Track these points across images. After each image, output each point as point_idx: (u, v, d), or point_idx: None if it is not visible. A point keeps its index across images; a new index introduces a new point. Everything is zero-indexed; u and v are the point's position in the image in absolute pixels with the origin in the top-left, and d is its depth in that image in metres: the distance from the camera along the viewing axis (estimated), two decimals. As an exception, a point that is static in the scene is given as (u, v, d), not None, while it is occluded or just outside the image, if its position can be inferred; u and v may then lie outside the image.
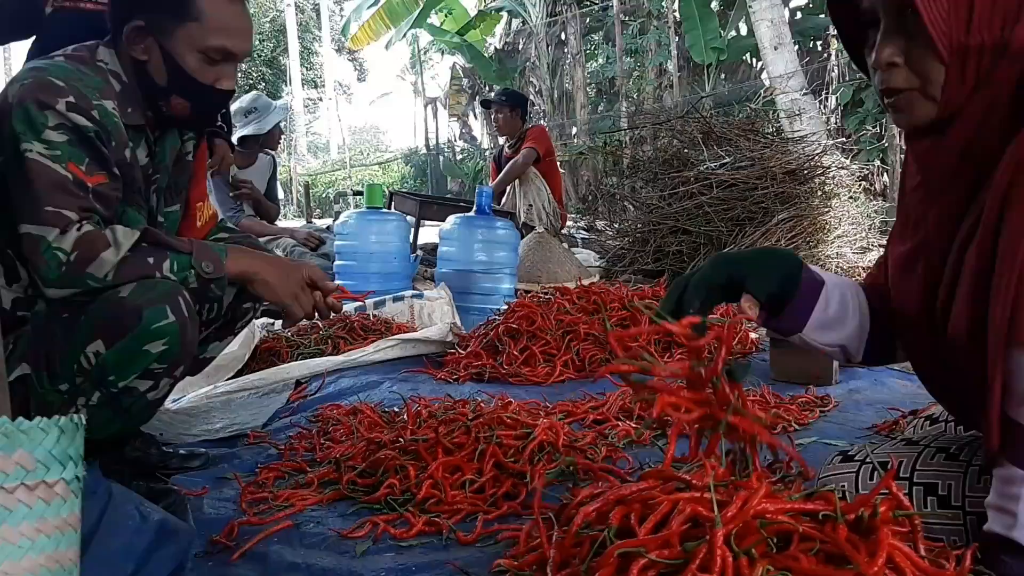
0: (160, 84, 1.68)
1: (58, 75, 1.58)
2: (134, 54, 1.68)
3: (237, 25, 1.70)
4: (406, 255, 4.20)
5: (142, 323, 1.52)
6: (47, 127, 1.53)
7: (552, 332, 2.87)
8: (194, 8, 1.64)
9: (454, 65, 15.98)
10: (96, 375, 1.55)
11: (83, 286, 1.54)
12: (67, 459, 0.88)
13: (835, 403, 2.33)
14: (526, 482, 1.71)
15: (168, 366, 1.59)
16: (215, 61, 1.69)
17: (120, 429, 1.70)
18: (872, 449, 1.38)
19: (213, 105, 1.79)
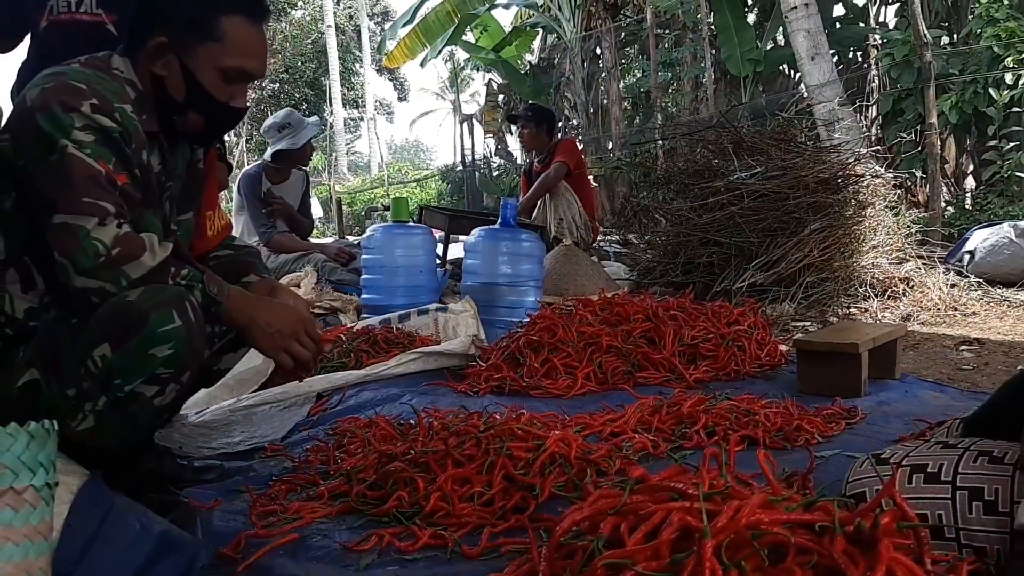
0: (177, 99, 1.72)
1: (79, 79, 1.61)
2: (154, 69, 1.71)
3: (255, 47, 1.75)
4: (433, 269, 4.19)
5: (148, 327, 1.51)
6: (74, 128, 1.55)
7: (574, 344, 2.83)
8: (217, 29, 1.68)
9: (489, 82, 16.03)
10: (102, 379, 1.54)
11: (114, 282, 1.54)
12: (37, 465, 0.86)
13: (862, 415, 2.26)
14: (535, 495, 1.68)
15: (174, 371, 1.57)
16: (232, 80, 1.73)
17: (129, 437, 1.68)
18: (907, 452, 1.32)
19: (226, 122, 1.82)
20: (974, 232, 5.21)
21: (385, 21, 36.12)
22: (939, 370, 2.92)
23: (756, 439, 2.05)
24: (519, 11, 14.77)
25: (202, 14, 1.69)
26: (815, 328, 3.81)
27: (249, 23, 1.73)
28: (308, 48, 31.08)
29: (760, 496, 0.96)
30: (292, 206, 5.24)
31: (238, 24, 1.71)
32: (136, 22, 1.74)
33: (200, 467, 2.13)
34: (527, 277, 3.81)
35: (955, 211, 7.13)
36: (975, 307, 4.03)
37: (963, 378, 2.79)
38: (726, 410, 2.16)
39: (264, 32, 1.79)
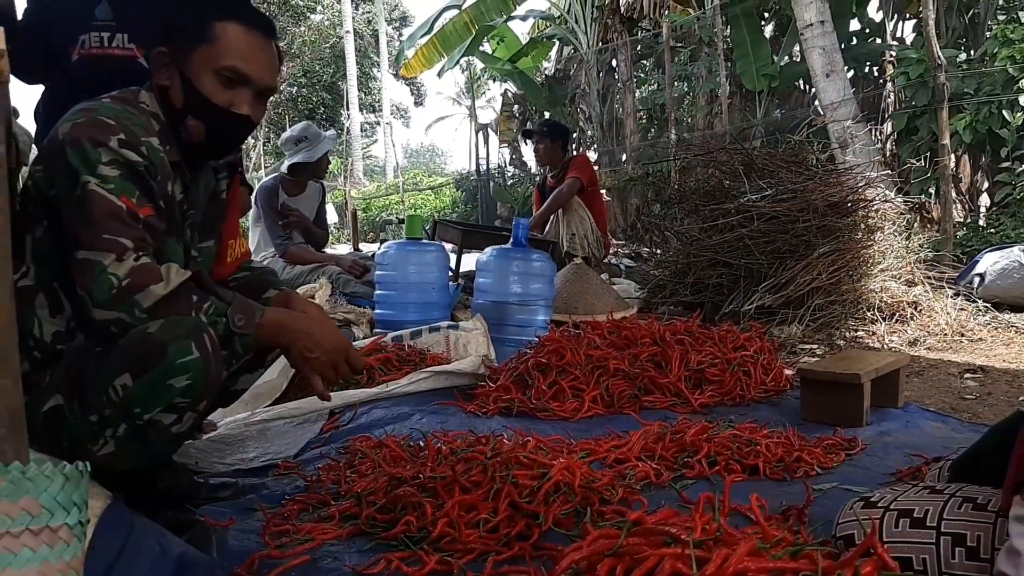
0: (177, 106, 1.76)
1: (108, 114, 1.67)
2: (158, 80, 1.77)
3: (249, 51, 1.76)
4: (445, 285, 4.25)
5: (167, 358, 1.56)
6: (101, 163, 1.61)
7: (581, 367, 2.89)
8: (210, 32, 1.73)
9: (505, 92, 16.14)
10: (123, 407, 1.60)
11: (128, 312, 1.59)
12: (71, 505, 0.93)
13: (862, 446, 2.30)
14: (539, 523, 1.73)
15: (191, 400, 1.63)
16: (231, 83, 1.75)
17: (147, 461, 1.74)
18: (894, 496, 1.37)
19: (228, 129, 1.81)
20: (984, 255, 5.23)
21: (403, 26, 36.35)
22: (942, 399, 2.95)
23: (757, 469, 2.10)
24: (535, 23, 14.87)
25: (194, 20, 1.74)
26: (822, 351, 3.85)
27: (242, 28, 1.76)
28: (326, 52, 31.31)
29: (748, 544, 1.01)
30: (308, 218, 5.31)
31: (230, 28, 1.74)
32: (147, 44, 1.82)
33: (215, 484, 2.19)
34: (538, 296, 3.87)
35: (967, 232, 7.12)
36: (982, 333, 4.06)
37: (965, 408, 2.83)
38: (728, 439, 2.21)
39: (264, 41, 1.80)
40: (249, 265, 2.19)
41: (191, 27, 1.74)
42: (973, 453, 1.49)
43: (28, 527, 0.89)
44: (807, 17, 8.69)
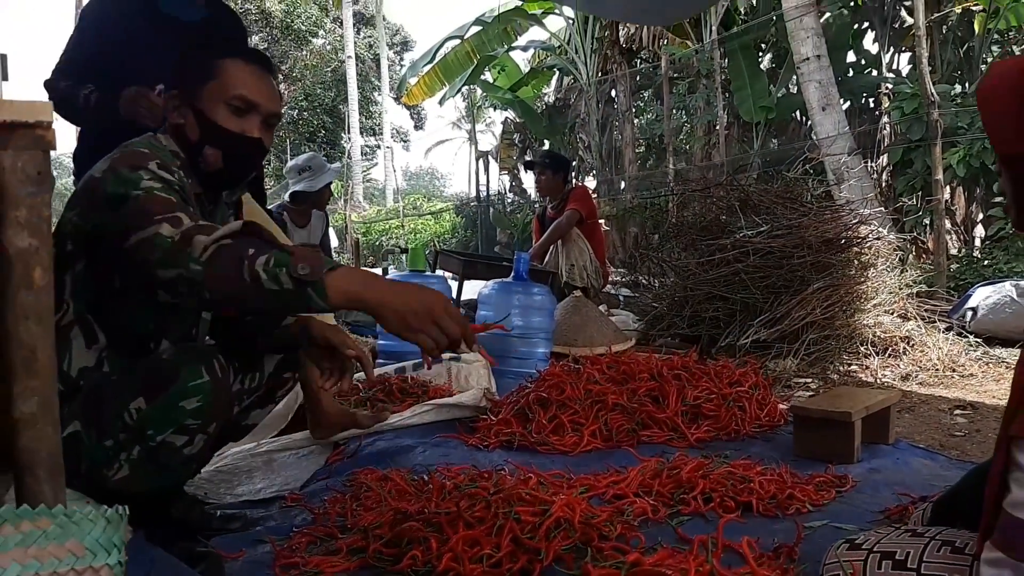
0: (194, 140, 1.89)
1: (141, 146, 1.81)
2: (172, 120, 1.90)
3: (255, 81, 1.91)
4: (447, 317, 4.32)
5: (178, 381, 1.66)
6: (144, 179, 1.69)
7: (581, 401, 2.96)
8: (215, 70, 1.89)
9: (506, 120, 16.34)
10: (137, 430, 1.68)
11: (184, 266, 1.54)
12: (111, 546, 1.00)
13: (853, 483, 2.37)
14: (541, 558, 1.80)
15: (202, 422, 1.71)
16: (240, 111, 1.89)
17: (161, 484, 1.82)
18: (878, 539, 1.45)
19: (243, 153, 1.91)
20: (977, 289, 5.32)
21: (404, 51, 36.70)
22: (932, 435, 3.03)
23: (751, 505, 2.17)
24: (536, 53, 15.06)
25: (200, 60, 1.90)
26: (817, 385, 3.93)
27: (243, 62, 1.92)
28: (328, 76, 31.61)
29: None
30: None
31: (233, 63, 1.91)
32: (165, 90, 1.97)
33: (225, 516, 2.26)
34: (538, 329, 3.95)
35: (960, 265, 7.23)
36: (973, 368, 4.14)
37: (954, 445, 2.90)
38: (723, 476, 2.28)
39: (264, 73, 1.94)
40: None
41: (198, 67, 1.89)
42: (952, 494, 1.58)
43: (73, 567, 0.96)
44: (803, 51, 8.86)
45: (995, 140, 1.29)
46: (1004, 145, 1.27)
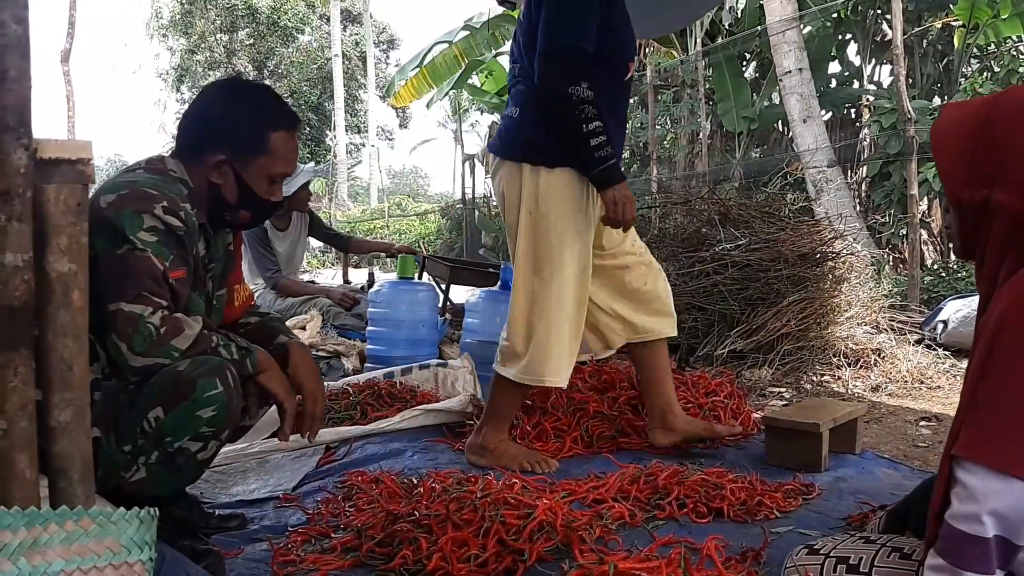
0: (231, 202, 2.05)
1: (149, 185, 1.90)
2: (211, 178, 2.02)
3: (293, 154, 2.10)
4: (434, 323, 4.45)
5: (196, 392, 1.80)
6: (142, 228, 1.83)
7: (564, 409, 3.09)
8: (267, 145, 2.03)
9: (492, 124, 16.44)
10: (155, 437, 1.82)
11: (165, 356, 1.81)
12: (144, 544, 1.12)
13: (819, 491, 2.50)
14: (524, 559, 1.92)
15: (216, 430, 1.85)
16: (275, 182, 2.08)
17: (174, 486, 1.96)
18: (834, 544, 1.58)
19: (268, 213, 2.18)
20: (948, 302, 5.49)
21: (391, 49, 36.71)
22: (897, 446, 3.17)
23: (722, 511, 2.30)
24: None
25: (254, 135, 2.02)
26: (790, 395, 4.08)
27: (287, 135, 2.07)
28: (313, 73, 31.60)
29: (704, 587, 1.22)
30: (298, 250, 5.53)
31: (282, 138, 2.06)
32: (193, 137, 2.05)
33: (224, 515, 2.36)
34: (523, 337, 4.07)
35: (934, 278, 7.41)
36: (941, 380, 4.30)
37: (917, 455, 3.05)
38: (697, 483, 2.41)
39: (295, 138, 2.12)
40: (256, 310, 2.40)
41: (253, 141, 2.02)
42: (904, 505, 1.71)
43: (111, 563, 1.08)
44: (786, 64, 9.03)
45: (945, 181, 1.41)
46: (953, 188, 1.39)
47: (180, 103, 32.49)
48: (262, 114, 2.04)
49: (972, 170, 1.35)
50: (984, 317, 1.31)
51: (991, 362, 1.22)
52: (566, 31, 2.53)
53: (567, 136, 2.57)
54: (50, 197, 1.19)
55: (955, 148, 1.38)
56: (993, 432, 1.21)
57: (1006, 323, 1.22)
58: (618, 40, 2.66)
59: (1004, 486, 1.19)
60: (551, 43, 2.54)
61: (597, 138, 2.53)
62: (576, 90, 2.50)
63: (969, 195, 1.35)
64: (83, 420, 1.25)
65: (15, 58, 1.12)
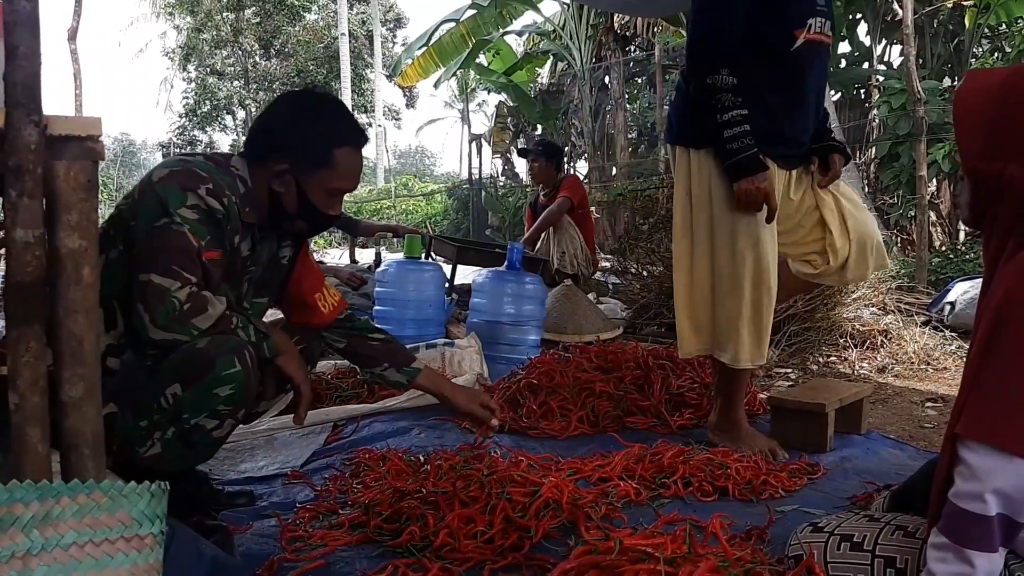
0: (290, 211, 2.06)
1: (201, 168, 1.93)
2: (273, 186, 2.03)
3: (357, 171, 2.10)
4: (441, 303, 4.46)
5: (215, 370, 1.81)
6: (184, 205, 1.85)
7: (570, 388, 3.10)
8: (332, 159, 2.02)
9: (500, 104, 16.41)
10: (172, 413, 1.83)
11: (184, 333, 1.82)
12: (155, 517, 1.13)
13: (824, 471, 2.51)
14: (530, 535, 1.93)
15: (232, 408, 1.87)
16: (334, 196, 2.08)
17: (188, 462, 1.97)
18: (839, 523, 1.59)
19: (325, 226, 2.20)
20: (956, 284, 5.48)
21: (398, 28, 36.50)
22: (903, 426, 3.18)
23: (727, 490, 2.31)
24: (530, 37, 15.10)
25: (320, 148, 2.02)
26: (796, 375, 4.08)
27: (353, 151, 2.07)
28: (320, 52, 31.48)
29: (709, 563, 1.23)
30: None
31: (347, 153, 2.05)
32: (259, 142, 2.06)
33: (232, 492, 2.38)
34: (529, 317, 4.09)
35: (942, 260, 7.39)
36: (947, 362, 4.30)
37: (922, 436, 3.05)
38: (702, 462, 2.42)
39: (361, 156, 2.12)
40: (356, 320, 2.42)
41: (317, 154, 2.02)
42: (908, 484, 1.72)
43: (123, 535, 1.09)
44: (795, 44, 8.93)
45: (963, 151, 1.39)
46: (971, 158, 1.38)
47: (186, 82, 32.44)
48: (329, 128, 2.04)
49: (990, 141, 1.33)
50: (987, 297, 1.31)
51: (994, 342, 1.23)
52: (706, 18, 2.54)
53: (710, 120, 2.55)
54: (60, 173, 1.19)
55: (976, 117, 1.36)
56: (996, 412, 1.21)
57: (1009, 305, 1.22)
58: (775, 14, 2.53)
59: (1006, 465, 1.19)
60: (693, 31, 2.59)
61: (731, 128, 2.50)
62: (714, 79, 2.48)
63: (985, 166, 1.34)
64: (94, 395, 1.26)
65: (25, 35, 1.12)
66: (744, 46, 2.52)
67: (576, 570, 1.34)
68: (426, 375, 2.33)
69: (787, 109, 2.63)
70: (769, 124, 2.58)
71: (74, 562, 1.05)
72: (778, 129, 2.62)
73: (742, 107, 2.49)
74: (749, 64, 2.52)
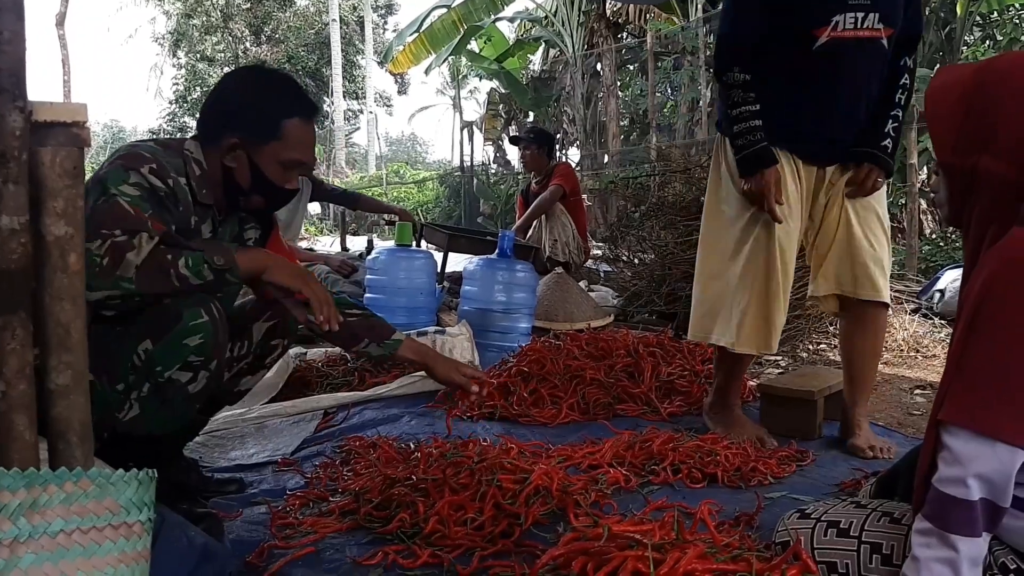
0: (244, 186, 2.06)
1: (147, 150, 1.94)
2: (225, 161, 2.03)
3: (309, 141, 2.09)
4: (432, 291, 4.46)
5: (182, 321, 1.83)
6: (126, 183, 1.85)
7: (560, 376, 3.11)
8: (281, 131, 2.02)
9: (491, 91, 16.35)
10: (145, 369, 1.85)
11: (114, 287, 1.73)
12: (143, 505, 1.13)
13: (812, 458, 2.52)
14: (520, 523, 1.94)
15: (204, 359, 1.89)
16: (288, 168, 2.06)
17: (167, 422, 1.97)
18: (826, 509, 1.60)
19: (282, 200, 2.16)
20: (945, 272, 5.50)
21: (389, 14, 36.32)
22: (891, 413, 3.19)
23: (716, 477, 2.32)
24: (522, 23, 15.05)
25: (268, 119, 2.02)
26: (786, 363, 4.09)
27: (304, 122, 2.07)
28: (311, 38, 31.31)
29: (696, 549, 1.23)
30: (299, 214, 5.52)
31: (296, 124, 2.05)
32: (210, 120, 2.07)
33: (222, 480, 2.38)
34: (521, 305, 4.09)
35: (932, 248, 7.42)
36: (936, 349, 4.32)
37: (911, 423, 3.07)
38: (691, 449, 2.43)
39: (312, 126, 2.11)
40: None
41: (264, 126, 2.02)
42: (893, 472, 1.73)
43: (110, 523, 1.09)
44: (787, 32, 8.92)
45: (937, 147, 1.40)
46: (943, 153, 1.39)
47: (176, 68, 32.27)
48: (276, 100, 2.04)
49: (963, 135, 1.34)
50: (968, 285, 1.32)
51: (975, 329, 1.23)
52: (727, 16, 2.64)
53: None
54: (46, 160, 1.18)
55: (947, 112, 1.37)
56: (978, 397, 1.22)
57: (990, 290, 1.23)
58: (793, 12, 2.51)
59: (989, 450, 1.20)
60: (719, 29, 2.70)
61: (739, 124, 2.54)
62: (728, 76, 2.57)
63: (959, 160, 1.35)
64: (81, 383, 1.25)
65: (9, 19, 1.11)
66: (770, 42, 2.53)
67: (565, 556, 1.34)
68: (408, 345, 2.27)
69: (815, 106, 2.58)
70: (794, 121, 2.58)
71: (62, 550, 1.05)
72: (804, 127, 2.59)
73: (753, 103, 2.53)
74: (774, 60, 2.54)
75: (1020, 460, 1.20)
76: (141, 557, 1.12)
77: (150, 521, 1.15)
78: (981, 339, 1.23)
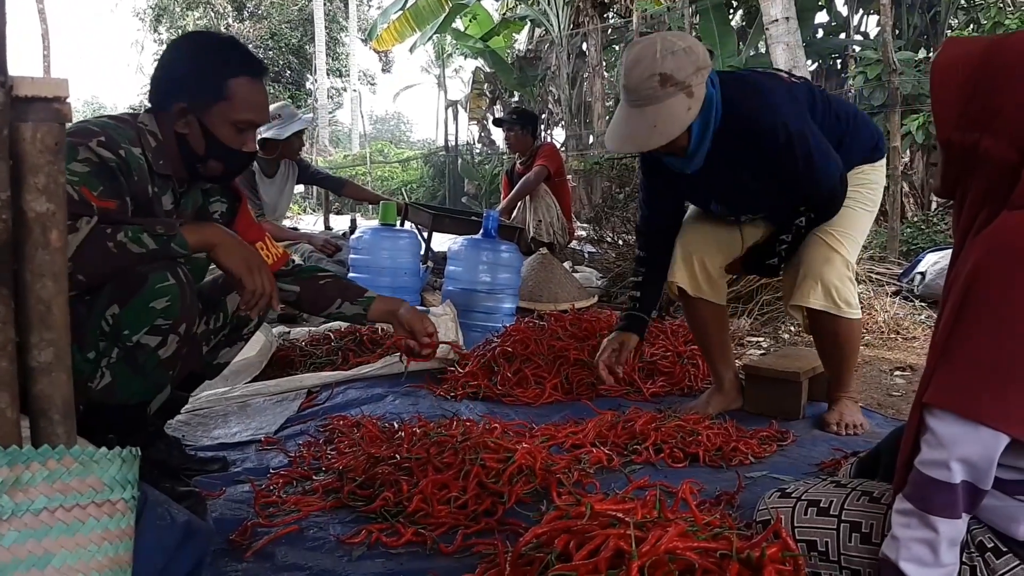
0: (199, 152, 2.04)
1: (96, 125, 1.93)
2: (177, 128, 2.02)
3: (258, 100, 2.07)
4: (416, 270, 4.45)
5: (147, 284, 1.84)
6: (75, 159, 1.83)
7: (544, 356, 3.12)
8: (227, 90, 2.00)
9: (476, 70, 16.26)
10: (113, 333, 1.86)
11: None
12: (126, 483, 1.13)
13: (793, 438, 2.55)
14: (503, 501, 1.95)
15: (172, 322, 1.90)
16: (242, 130, 2.05)
17: (140, 390, 1.97)
18: (806, 488, 1.62)
19: (241, 165, 2.13)
20: (926, 255, 5.54)
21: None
22: (871, 395, 3.22)
23: (698, 457, 2.34)
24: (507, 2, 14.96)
25: (212, 80, 2.00)
26: (768, 344, 4.12)
27: (251, 80, 2.05)
28: (294, 15, 30.97)
29: (678, 527, 1.24)
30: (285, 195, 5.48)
31: (243, 83, 2.03)
32: (158, 89, 2.05)
33: (205, 458, 2.38)
34: (505, 285, 4.09)
35: (914, 230, 7.47)
36: (916, 331, 4.36)
37: (890, 404, 3.10)
38: (673, 429, 2.45)
39: (262, 85, 2.10)
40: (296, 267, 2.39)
41: (209, 87, 2.00)
42: (874, 452, 1.75)
43: (94, 500, 1.09)
44: (773, 12, 8.90)
45: (939, 121, 1.38)
46: (945, 128, 1.37)
47: (158, 43, 31.83)
48: (220, 60, 2.02)
49: (966, 112, 1.32)
50: (956, 267, 1.32)
51: (962, 313, 1.24)
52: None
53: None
54: (26, 136, 1.17)
55: (953, 87, 1.35)
56: (962, 381, 1.23)
57: (978, 276, 1.23)
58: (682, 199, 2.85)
59: (972, 434, 1.21)
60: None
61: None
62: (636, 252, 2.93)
63: (959, 137, 1.33)
64: (63, 360, 1.24)
65: (-13, -8, 1.09)
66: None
67: (548, 535, 1.35)
68: (379, 301, 2.34)
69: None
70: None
71: (44, 527, 1.05)
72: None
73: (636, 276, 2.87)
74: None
75: (1003, 444, 1.21)
76: (125, 535, 1.12)
77: (133, 499, 1.15)
78: (968, 324, 1.24)
